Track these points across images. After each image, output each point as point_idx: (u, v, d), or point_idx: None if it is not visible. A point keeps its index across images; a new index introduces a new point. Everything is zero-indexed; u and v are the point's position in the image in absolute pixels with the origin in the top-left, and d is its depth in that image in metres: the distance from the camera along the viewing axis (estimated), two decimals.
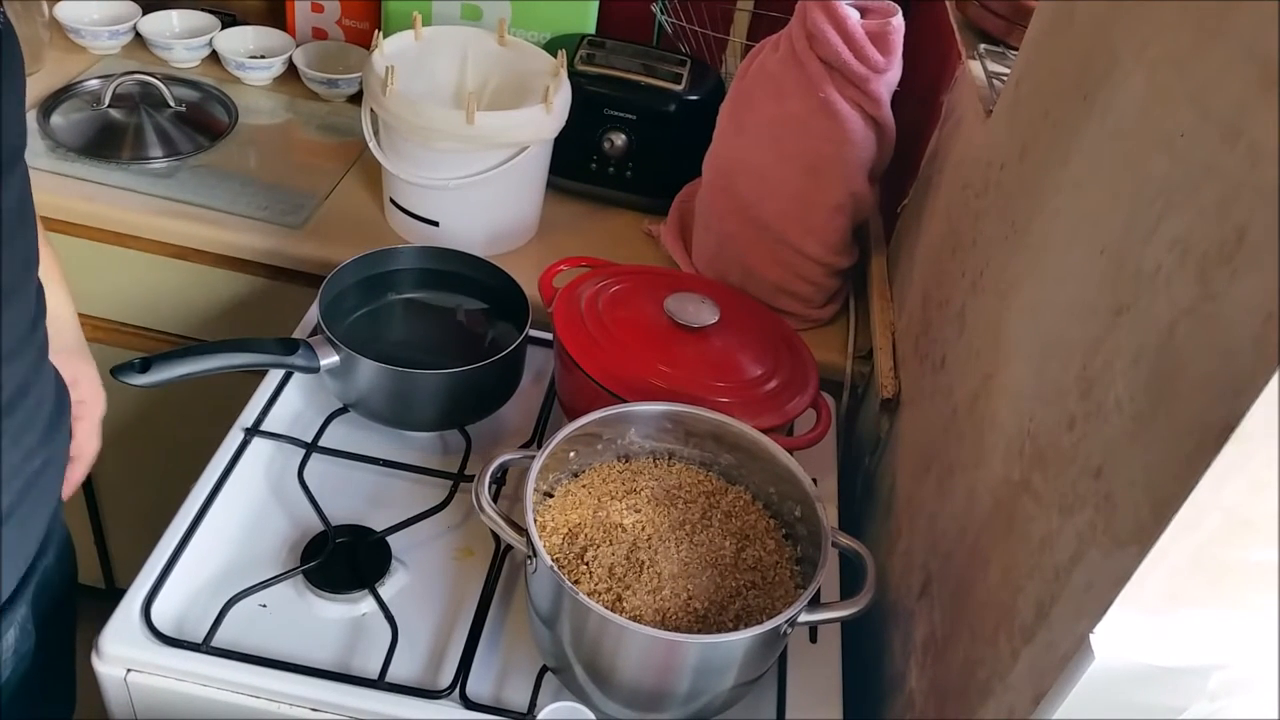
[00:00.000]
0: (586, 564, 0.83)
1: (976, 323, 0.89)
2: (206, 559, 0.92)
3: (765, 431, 0.91)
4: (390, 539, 0.95)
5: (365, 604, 0.90)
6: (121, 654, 0.84)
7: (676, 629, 0.80)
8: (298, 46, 1.56)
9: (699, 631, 0.80)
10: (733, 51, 1.53)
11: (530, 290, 1.11)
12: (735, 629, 0.80)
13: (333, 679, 0.84)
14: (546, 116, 1.23)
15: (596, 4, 1.48)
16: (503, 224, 1.32)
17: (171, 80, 1.47)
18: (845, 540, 0.87)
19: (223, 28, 1.58)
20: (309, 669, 0.84)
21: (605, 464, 0.93)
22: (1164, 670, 0.58)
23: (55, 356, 0.82)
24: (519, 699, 0.86)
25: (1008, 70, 1.05)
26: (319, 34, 1.60)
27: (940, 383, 0.95)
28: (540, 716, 0.76)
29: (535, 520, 0.82)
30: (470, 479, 1.01)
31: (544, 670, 0.87)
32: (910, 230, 1.22)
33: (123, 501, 1.61)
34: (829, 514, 0.86)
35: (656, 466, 0.93)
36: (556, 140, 1.29)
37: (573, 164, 1.39)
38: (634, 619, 0.78)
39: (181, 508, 0.95)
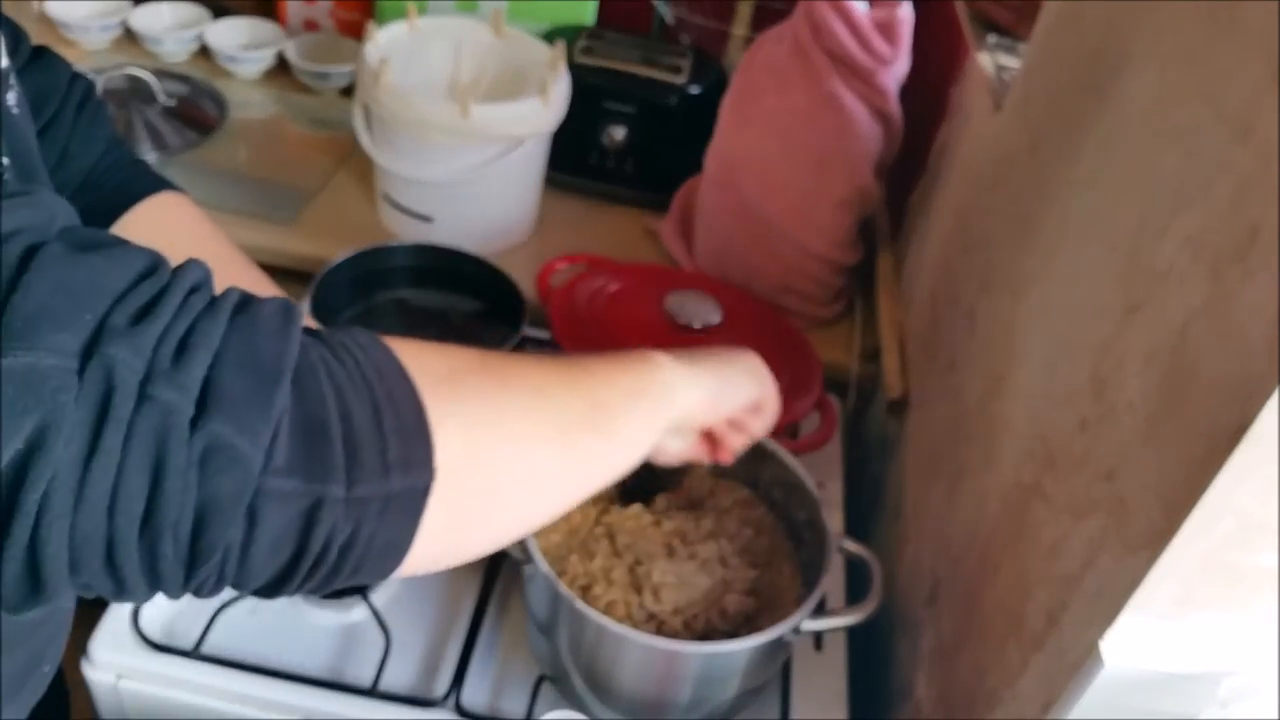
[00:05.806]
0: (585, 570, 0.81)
1: (987, 322, 0.88)
2: None
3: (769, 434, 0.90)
4: None
5: (358, 610, 0.89)
6: (111, 660, 0.83)
7: (677, 636, 0.78)
8: (289, 38, 1.54)
9: (700, 639, 0.79)
10: (735, 44, 1.52)
11: (527, 289, 1.09)
12: (737, 636, 0.79)
13: (324, 687, 0.82)
14: (544, 110, 1.21)
15: None
16: (499, 220, 1.30)
17: (161, 74, 1.45)
18: (851, 546, 0.86)
19: (214, 18, 1.57)
20: (300, 677, 0.83)
21: None
22: (1174, 677, 0.57)
23: None
24: (515, 708, 0.85)
25: (1017, 63, 1.04)
26: (311, 26, 1.59)
27: (949, 384, 0.94)
28: None
29: None
30: None
31: (541, 679, 0.86)
32: (918, 226, 1.20)
33: None
34: (835, 519, 0.84)
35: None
36: (554, 134, 1.27)
37: (571, 158, 1.37)
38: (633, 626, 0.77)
39: None
